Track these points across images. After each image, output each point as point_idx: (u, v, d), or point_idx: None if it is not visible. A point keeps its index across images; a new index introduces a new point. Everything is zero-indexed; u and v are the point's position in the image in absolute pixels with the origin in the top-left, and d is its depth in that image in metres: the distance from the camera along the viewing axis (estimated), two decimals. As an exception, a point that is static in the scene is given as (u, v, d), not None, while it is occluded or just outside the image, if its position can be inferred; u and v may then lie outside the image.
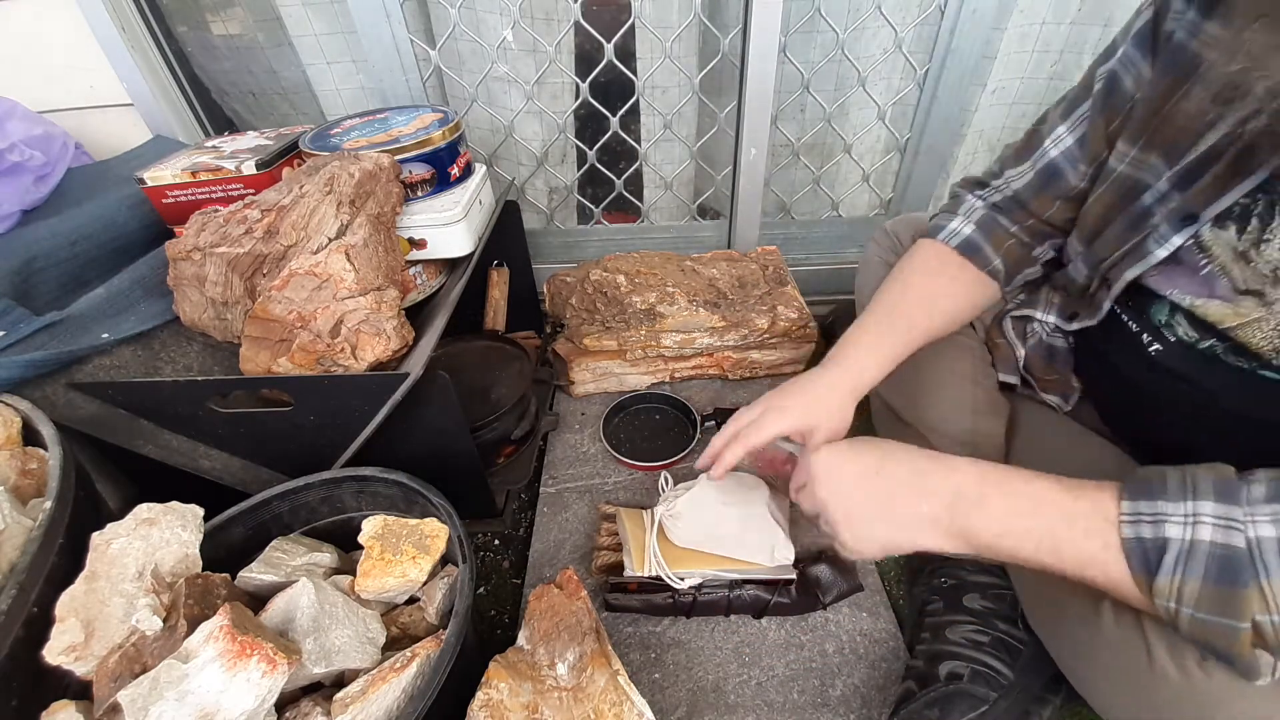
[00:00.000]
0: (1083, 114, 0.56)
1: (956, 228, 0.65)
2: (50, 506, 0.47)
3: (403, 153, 0.73)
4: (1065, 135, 0.57)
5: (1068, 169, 0.58)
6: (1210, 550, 0.36)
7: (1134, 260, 0.51)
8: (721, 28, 1.01)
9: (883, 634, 0.70)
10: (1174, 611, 0.38)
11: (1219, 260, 0.46)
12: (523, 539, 0.85)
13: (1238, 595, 0.35)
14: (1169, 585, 0.38)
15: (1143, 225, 0.51)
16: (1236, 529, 0.36)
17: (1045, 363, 0.68)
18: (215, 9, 1.05)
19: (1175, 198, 0.48)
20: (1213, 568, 0.36)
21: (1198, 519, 0.37)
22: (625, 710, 0.54)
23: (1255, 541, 0.35)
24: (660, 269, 1.07)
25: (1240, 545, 0.35)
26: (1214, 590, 0.36)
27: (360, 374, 0.60)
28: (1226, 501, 0.37)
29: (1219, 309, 0.48)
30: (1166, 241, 0.48)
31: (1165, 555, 0.38)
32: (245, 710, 0.41)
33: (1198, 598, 0.37)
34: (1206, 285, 0.48)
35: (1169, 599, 0.38)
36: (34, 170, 0.81)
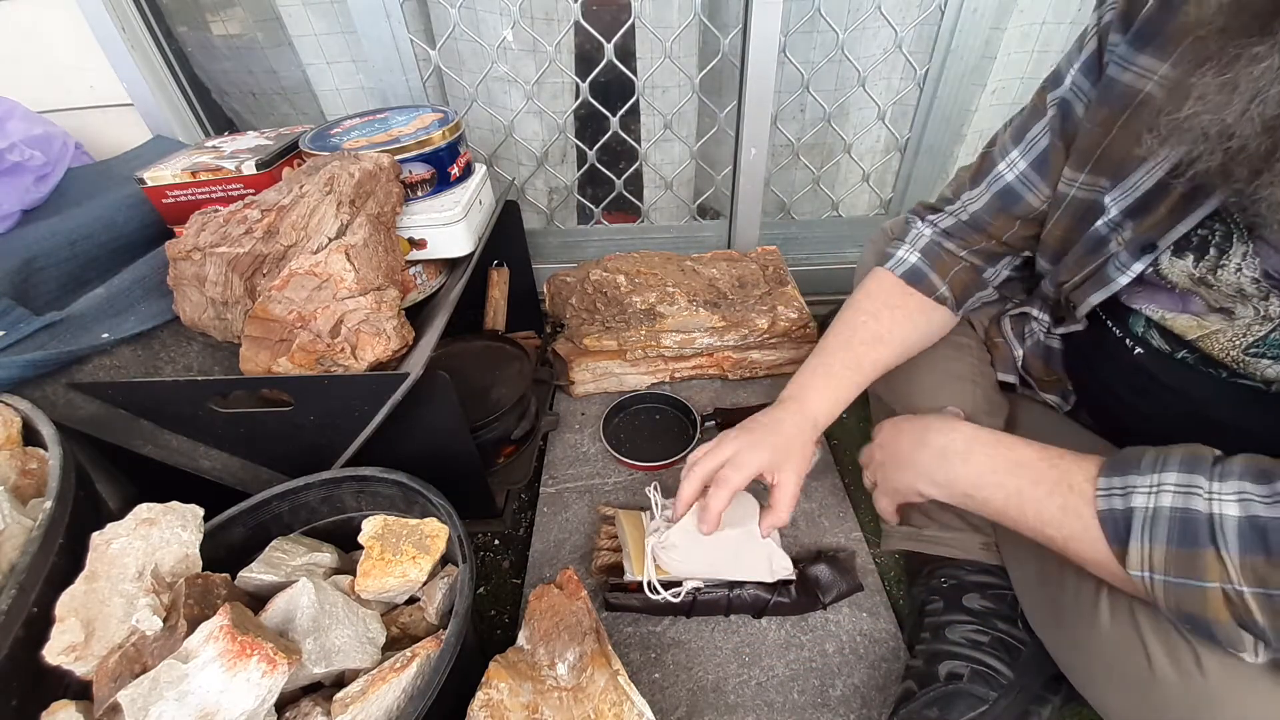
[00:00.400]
0: (1035, 137, 0.57)
1: (903, 256, 0.67)
2: (50, 506, 0.47)
3: (403, 153, 0.73)
4: (1019, 159, 0.58)
5: (1025, 192, 0.59)
6: (1170, 515, 0.38)
7: (1096, 286, 0.53)
8: (721, 28, 1.01)
9: (883, 634, 0.70)
10: (1150, 583, 0.39)
11: (1180, 286, 0.48)
12: (523, 539, 0.85)
13: (1198, 557, 0.37)
14: (1139, 553, 0.39)
15: (1101, 250, 0.52)
16: (1197, 494, 0.38)
17: (1043, 363, 0.68)
18: (215, 9, 1.05)
19: (1129, 226, 0.50)
20: (1175, 531, 0.38)
21: (1161, 487, 0.39)
22: (625, 710, 0.54)
23: (1219, 517, 0.37)
24: (660, 269, 1.07)
25: (1199, 509, 0.37)
26: (1177, 553, 0.38)
27: (360, 374, 0.60)
28: (1190, 471, 0.39)
29: (1186, 322, 0.49)
30: (1127, 269, 0.50)
31: (1132, 523, 0.40)
32: (245, 710, 0.41)
33: (1165, 562, 0.38)
34: (1180, 302, 0.50)
35: (1142, 568, 0.40)
36: (34, 170, 0.81)
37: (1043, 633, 0.58)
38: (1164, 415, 0.53)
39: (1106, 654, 0.47)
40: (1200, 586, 0.37)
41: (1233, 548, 0.36)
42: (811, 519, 0.83)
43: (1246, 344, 0.46)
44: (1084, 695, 0.52)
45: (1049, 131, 0.56)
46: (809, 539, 0.81)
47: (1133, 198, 0.49)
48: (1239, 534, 0.36)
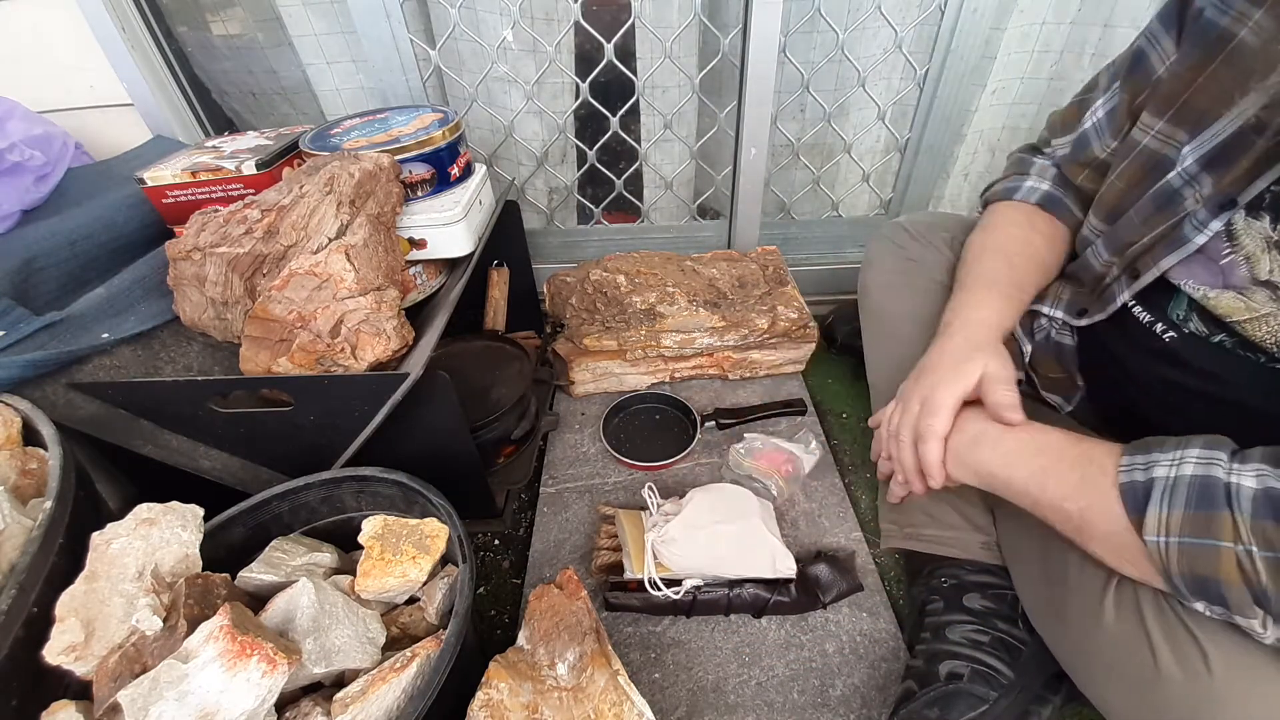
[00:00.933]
0: (1116, 88, 0.57)
1: (1034, 185, 0.65)
2: (50, 506, 0.47)
3: (403, 153, 0.73)
4: (1100, 108, 0.59)
5: (1094, 139, 0.59)
6: (1190, 481, 0.39)
7: (1170, 248, 0.50)
8: (721, 28, 1.00)
9: (883, 634, 0.70)
10: (1164, 548, 0.40)
11: (1245, 249, 0.46)
12: (523, 539, 0.85)
13: (1214, 518, 0.38)
14: (1157, 519, 0.40)
15: (1172, 208, 0.50)
16: (1217, 464, 0.39)
17: (1052, 360, 0.67)
18: (215, 9, 1.05)
19: (1206, 181, 0.48)
20: (1193, 495, 0.39)
21: (1183, 460, 0.41)
22: (625, 710, 0.54)
23: (1235, 485, 0.38)
24: (660, 269, 1.07)
25: (1219, 475, 0.39)
26: (1194, 515, 0.39)
27: (360, 374, 0.60)
28: (1211, 448, 0.40)
29: (1231, 302, 0.48)
30: (1205, 228, 0.47)
31: (1152, 491, 0.41)
32: (245, 710, 0.41)
33: (1181, 524, 0.39)
34: (1222, 275, 0.48)
35: (1158, 533, 0.40)
36: (34, 170, 0.81)
37: (1045, 632, 0.58)
38: (1190, 406, 0.52)
39: (1111, 653, 0.47)
40: (1215, 546, 0.38)
41: (1246, 511, 0.37)
42: (811, 519, 0.83)
43: None
44: (1086, 694, 0.52)
45: (1120, 81, 0.56)
46: (809, 539, 0.81)
47: (1210, 147, 0.47)
48: (1253, 500, 0.37)
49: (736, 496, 0.76)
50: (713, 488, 0.77)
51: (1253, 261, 0.46)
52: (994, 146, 1.20)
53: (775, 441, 0.88)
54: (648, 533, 0.72)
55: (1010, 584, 0.64)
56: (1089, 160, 0.60)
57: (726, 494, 0.76)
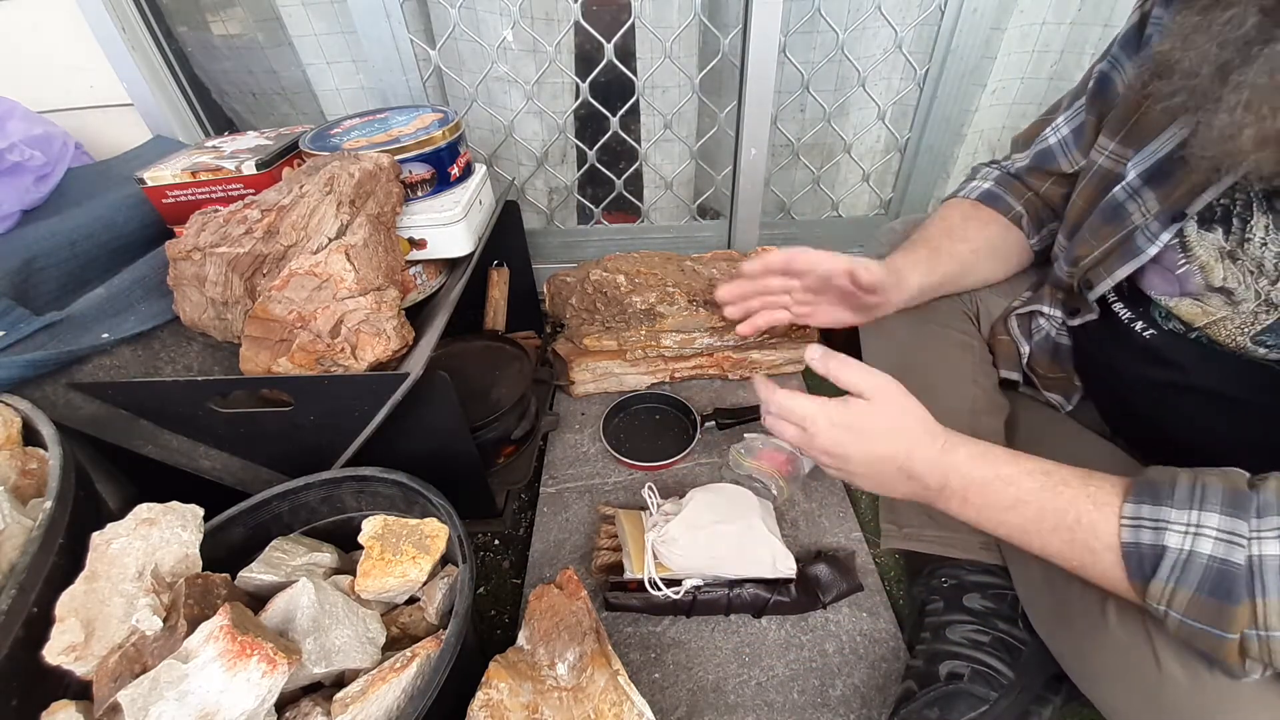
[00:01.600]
0: (1079, 107, 0.60)
1: (977, 184, 0.70)
2: (50, 506, 0.47)
3: (403, 153, 0.73)
4: (1063, 125, 0.62)
5: (1059, 155, 0.62)
6: (1208, 564, 0.36)
7: (1124, 258, 0.52)
8: (721, 28, 1.00)
9: (883, 634, 0.70)
10: (1163, 613, 0.39)
11: (1199, 259, 0.48)
12: (523, 539, 0.85)
13: (1229, 610, 0.35)
14: (1161, 590, 0.38)
15: (1119, 221, 0.52)
16: (1239, 545, 0.35)
17: (1051, 360, 0.68)
18: (215, 9, 1.05)
19: (1149, 195, 0.50)
20: (1208, 580, 0.36)
21: (1200, 530, 0.37)
22: (625, 710, 0.54)
23: (1258, 559, 0.35)
24: (660, 269, 1.07)
25: (1239, 562, 0.35)
26: (1206, 601, 0.36)
27: (360, 374, 0.60)
28: (1233, 515, 0.36)
29: (1189, 308, 0.50)
30: (1156, 239, 0.49)
31: (1161, 563, 0.38)
32: (245, 710, 0.41)
33: (1187, 605, 0.37)
34: (1178, 284, 0.50)
35: (1160, 603, 0.38)
36: (34, 170, 0.81)
37: (1046, 633, 0.58)
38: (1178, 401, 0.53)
39: (1113, 655, 0.47)
40: (1220, 636, 0.36)
41: (1271, 592, 0.34)
42: (811, 519, 0.83)
43: (1254, 333, 0.46)
44: (1088, 696, 0.52)
45: (1086, 102, 0.59)
46: (809, 539, 0.81)
47: (1150, 163, 0.49)
48: (1278, 574, 0.34)
49: (737, 496, 0.76)
50: (713, 487, 0.77)
51: (1206, 270, 0.48)
52: (994, 146, 1.19)
53: (775, 441, 0.88)
54: (648, 532, 0.72)
55: (1010, 584, 0.64)
56: (1054, 171, 0.64)
57: (726, 494, 0.76)
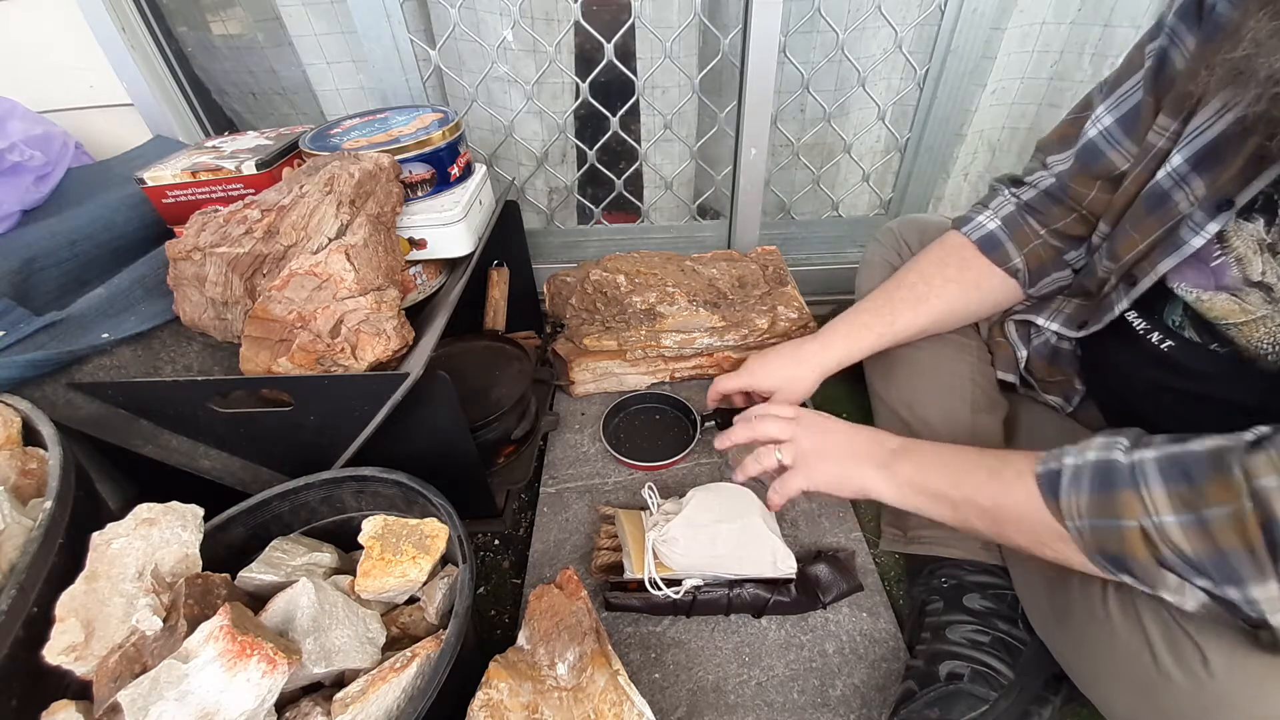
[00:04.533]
0: (1125, 92, 0.54)
1: (982, 221, 0.66)
2: (50, 506, 0.47)
3: (403, 153, 0.74)
4: (1105, 115, 0.56)
5: (1107, 149, 0.56)
6: (1092, 467, 0.42)
7: (1167, 251, 0.49)
8: (721, 28, 1.01)
9: (883, 634, 0.70)
10: (1082, 530, 0.43)
11: (1236, 251, 0.46)
12: (523, 539, 0.85)
13: (1115, 498, 0.40)
14: (1070, 504, 0.43)
15: (1163, 210, 0.49)
16: (1118, 449, 0.42)
17: (1049, 364, 0.68)
18: (215, 9, 1.05)
19: (1197, 182, 0.47)
20: (1095, 479, 0.42)
21: (1086, 449, 0.44)
22: (625, 710, 0.54)
23: (1137, 462, 0.40)
24: (660, 269, 1.07)
25: (1119, 459, 0.41)
26: (1097, 497, 0.41)
27: (360, 374, 0.60)
28: (1112, 436, 0.43)
29: (1225, 304, 0.47)
30: (1201, 229, 0.46)
31: (1061, 478, 0.44)
32: (245, 710, 0.41)
33: (1088, 507, 0.42)
34: (1213, 277, 0.47)
35: (1073, 517, 0.43)
36: (34, 170, 0.81)
37: (1045, 632, 0.58)
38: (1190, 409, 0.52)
39: (1112, 654, 0.47)
40: (1118, 525, 0.40)
41: (1154, 483, 0.39)
42: (811, 519, 0.83)
43: None
44: (1089, 696, 0.52)
45: (1141, 85, 0.52)
46: (809, 539, 0.81)
47: (1199, 145, 0.46)
48: (1159, 469, 0.39)
49: (737, 495, 0.76)
50: (713, 487, 0.77)
51: (1244, 263, 0.45)
52: (994, 146, 1.20)
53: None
54: (648, 532, 0.72)
55: (1010, 584, 0.64)
56: (1103, 172, 0.57)
57: (727, 493, 0.76)
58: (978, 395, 0.69)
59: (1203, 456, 0.38)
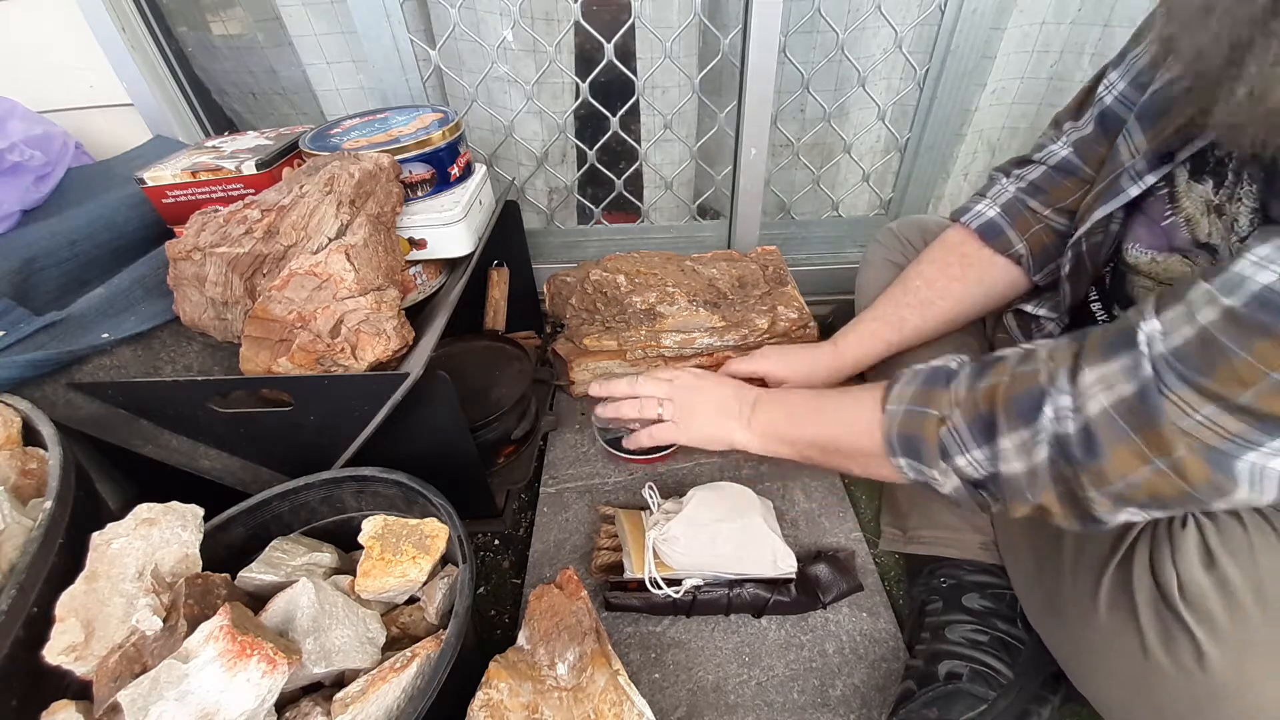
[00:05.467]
0: (1135, 56, 0.54)
1: (981, 210, 0.66)
2: (50, 506, 0.47)
3: (403, 153, 0.74)
4: (1118, 80, 0.55)
5: (1123, 112, 0.55)
6: (924, 371, 0.51)
7: (1107, 198, 0.51)
8: (721, 28, 1.00)
9: (883, 634, 0.70)
10: (896, 415, 0.50)
11: (1185, 211, 0.46)
12: (523, 539, 0.85)
13: (934, 392, 0.48)
14: (896, 395, 0.51)
15: (1113, 163, 0.51)
16: (953, 361, 0.50)
17: None
18: (215, 9, 1.05)
19: (1138, 134, 0.48)
20: (924, 378, 0.51)
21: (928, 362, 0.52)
22: (625, 710, 0.54)
23: (958, 368, 0.49)
24: (660, 269, 1.07)
25: (953, 366, 0.49)
26: (922, 390, 0.50)
27: (360, 374, 0.60)
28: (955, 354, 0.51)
29: (1178, 265, 0.48)
30: (1140, 179, 0.48)
31: (899, 379, 0.52)
32: (245, 710, 0.41)
33: (910, 396, 0.50)
34: (1165, 237, 0.48)
35: (894, 404, 0.51)
36: (34, 170, 0.81)
37: (1041, 628, 0.58)
38: None
39: (1102, 644, 0.47)
40: (925, 412, 0.48)
41: (961, 382, 0.47)
42: (811, 519, 0.83)
43: None
44: (1079, 688, 0.52)
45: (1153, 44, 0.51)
46: (809, 539, 0.81)
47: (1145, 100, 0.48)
48: (967, 373, 0.47)
49: (738, 495, 0.76)
50: (715, 486, 0.77)
51: (1193, 224, 0.46)
52: (994, 146, 1.20)
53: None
54: (649, 530, 0.72)
55: (1009, 584, 0.64)
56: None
57: (728, 493, 0.76)
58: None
59: (993, 358, 0.47)
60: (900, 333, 0.69)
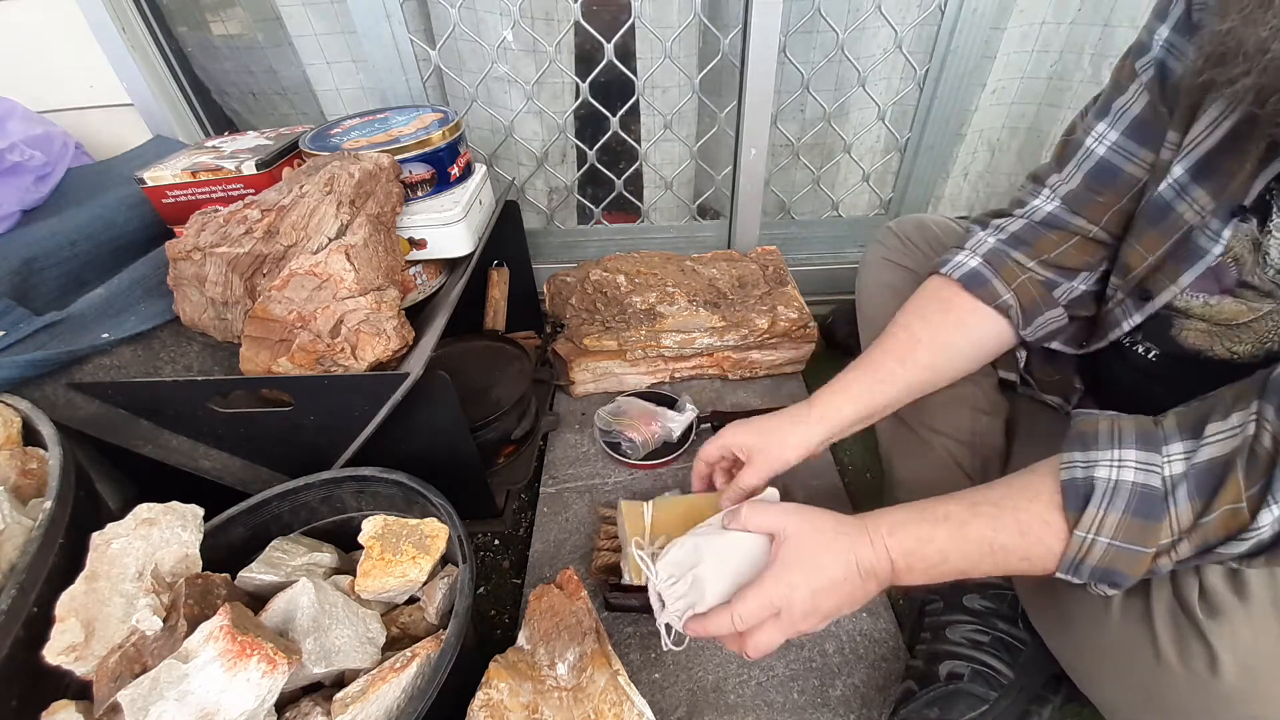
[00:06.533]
0: (1125, 105, 0.52)
1: (961, 260, 0.60)
2: (50, 506, 0.47)
3: (403, 153, 0.73)
4: (1109, 131, 0.53)
5: (1122, 162, 0.53)
6: (1133, 489, 0.41)
7: (1187, 261, 0.48)
8: (721, 28, 1.01)
9: (883, 634, 0.70)
10: (1089, 543, 0.42)
11: (1234, 252, 0.46)
12: (523, 539, 0.85)
13: (1151, 527, 0.40)
14: (1093, 517, 0.42)
15: (1170, 222, 0.48)
16: (1155, 471, 0.41)
17: (1047, 365, 0.68)
18: (215, 9, 1.05)
19: (1199, 191, 0.46)
20: (1133, 503, 0.41)
21: (1122, 463, 0.42)
22: (625, 710, 0.54)
23: (1169, 479, 0.40)
24: (660, 269, 1.07)
25: (1157, 485, 0.41)
26: (1132, 521, 0.41)
27: (360, 374, 0.60)
28: (1147, 449, 0.42)
29: (1233, 306, 0.47)
30: (1219, 237, 0.46)
31: (1093, 493, 0.42)
32: (245, 710, 0.41)
33: (1116, 527, 0.41)
34: (1216, 280, 0.47)
35: (1089, 530, 0.42)
36: (34, 170, 0.81)
37: (1046, 632, 0.58)
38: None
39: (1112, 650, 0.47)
40: (1142, 551, 0.41)
41: (1180, 501, 0.40)
42: (811, 519, 0.83)
43: None
44: (1088, 695, 0.52)
45: (1145, 94, 0.50)
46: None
47: (1198, 154, 0.46)
48: (1186, 488, 0.40)
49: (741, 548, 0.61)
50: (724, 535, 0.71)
51: (1241, 263, 0.46)
52: (994, 146, 1.20)
53: (640, 404, 0.96)
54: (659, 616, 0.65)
55: (1010, 584, 0.64)
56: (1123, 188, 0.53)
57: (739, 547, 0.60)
58: (979, 396, 0.69)
59: (1218, 464, 0.39)
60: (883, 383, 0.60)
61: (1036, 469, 0.47)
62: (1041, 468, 0.47)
